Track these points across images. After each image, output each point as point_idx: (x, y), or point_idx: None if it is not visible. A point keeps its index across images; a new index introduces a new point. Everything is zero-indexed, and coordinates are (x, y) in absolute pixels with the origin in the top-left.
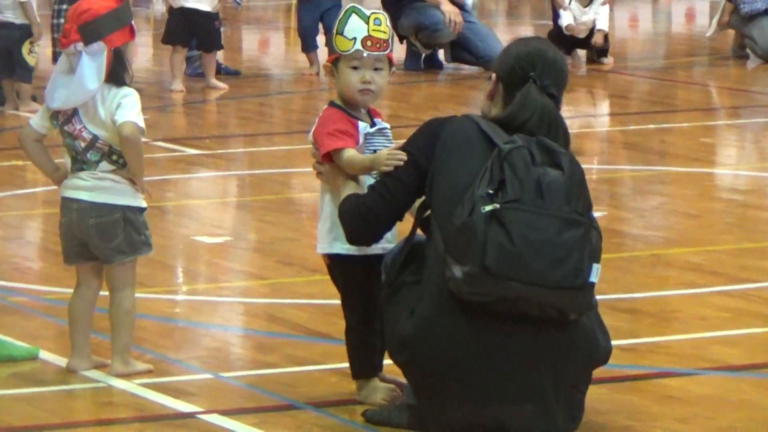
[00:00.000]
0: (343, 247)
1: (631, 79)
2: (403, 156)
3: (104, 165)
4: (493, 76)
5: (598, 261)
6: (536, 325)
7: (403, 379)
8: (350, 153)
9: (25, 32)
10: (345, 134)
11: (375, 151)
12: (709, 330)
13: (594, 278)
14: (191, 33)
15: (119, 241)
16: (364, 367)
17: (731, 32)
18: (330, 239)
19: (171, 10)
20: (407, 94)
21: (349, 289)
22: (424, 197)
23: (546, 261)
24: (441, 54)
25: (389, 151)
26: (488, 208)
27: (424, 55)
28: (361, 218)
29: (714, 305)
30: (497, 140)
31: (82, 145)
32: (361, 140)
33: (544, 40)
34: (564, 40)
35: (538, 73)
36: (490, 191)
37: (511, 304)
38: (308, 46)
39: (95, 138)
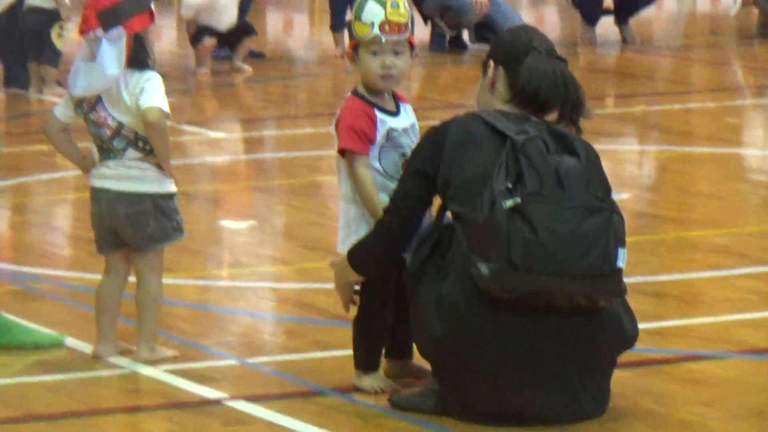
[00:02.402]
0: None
1: (656, 59)
2: None
3: (131, 152)
4: (491, 63)
5: (623, 245)
6: (562, 315)
7: (428, 365)
8: (362, 166)
9: (54, 16)
10: (361, 135)
11: (404, 153)
12: (735, 312)
13: (621, 263)
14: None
15: (151, 229)
16: (361, 360)
17: (755, 11)
18: (342, 237)
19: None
20: (433, 75)
21: (362, 285)
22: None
23: (572, 251)
24: (465, 35)
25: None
26: (509, 203)
27: (449, 36)
28: (379, 237)
29: (740, 287)
30: (508, 132)
31: (108, 132)
32: (380, 138)
33: (530, 26)
34: (589, 7)
35: (538, 42)
36: (509, 185)
37: (540, 298)
38: (336, 23)
39: (120, 125)
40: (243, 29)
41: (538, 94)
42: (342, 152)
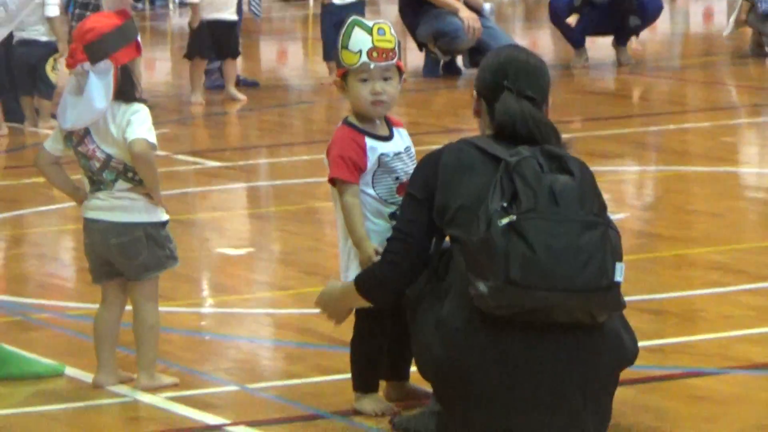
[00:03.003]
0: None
1: (650, 80)
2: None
3: (120, 183)
4: (474, 93)
5: (620, 260)
6: (562, 332)
7: (428, 387)
8: (349, 194)
9: (49, 49)
10: (349, 163)
11: (398, 177)
12: (735, 329)
13: (619, 277)
14: (212, 45)
15: (143, 258)
16: (360, 382)
17: (749, 30)
18: (344, 265)
19: (199, 26)
20: (427, 101)
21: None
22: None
23: (570, 266)
24: (459, 60)
25: (376, 249)
26: (505, 220)
27: (442, 61)
28: (389, 265)
29: (739, 304)
30: (500, 154)
31: (97, 165)
32: (371, 165)
33: (517, 46)
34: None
35: (512, 80)
36: (504, 204)
37: (540, 314)
38: (328, 52)
39: (109, 157)
40: (228, 50)
41: (515, 133)
42: (332, 181)
